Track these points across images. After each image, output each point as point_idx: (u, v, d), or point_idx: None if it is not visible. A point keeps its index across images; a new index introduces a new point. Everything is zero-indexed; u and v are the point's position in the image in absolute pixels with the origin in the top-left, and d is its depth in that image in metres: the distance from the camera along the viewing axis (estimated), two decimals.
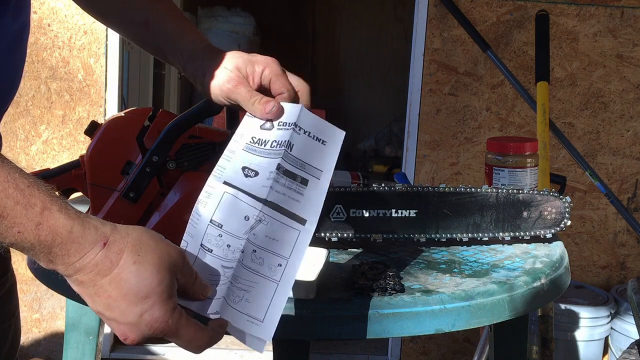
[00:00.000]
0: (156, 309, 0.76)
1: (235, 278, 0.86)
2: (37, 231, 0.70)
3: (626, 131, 2.84)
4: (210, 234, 0.88)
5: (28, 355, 2.81)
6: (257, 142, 0.94)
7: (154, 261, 0.75)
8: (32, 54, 2.68)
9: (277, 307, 0.85)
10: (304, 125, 0.95)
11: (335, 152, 0.95)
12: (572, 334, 2.70)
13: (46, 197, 0.71)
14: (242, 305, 0.85)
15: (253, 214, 0.88)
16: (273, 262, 0.86)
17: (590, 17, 2.75)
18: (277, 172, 0.90)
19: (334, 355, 2.98)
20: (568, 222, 1.25)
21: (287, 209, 0.88)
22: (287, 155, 0.92)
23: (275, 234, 0.87)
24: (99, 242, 0.73)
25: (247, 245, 0.87)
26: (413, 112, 2.82)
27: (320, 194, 0.91)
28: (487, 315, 1.06)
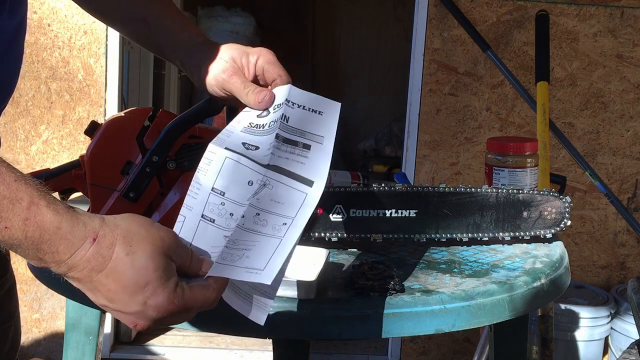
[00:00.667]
0: (159, 294, 0.75)
1: (233, 242, 0.83)
2: (25, 227, 0.69)
3: (626, 131, 2.84)
4: (212, 203, 0.85)
5: (28, 355, 2.81)
6: (255, 126, 0.94)
7: (146, 249, 0.74)
8: (32, 54, 2.68)
9: (278, 258, 0.80)
10: (296, 100, 0.95)
11: (334, 121, 0.93)
12: (572, 334, 2.70)
13: (34, 192, 0.70)
14: (241, 262, 0.81)
15: (257, 178, 0.86)
16: (277, 222, 0.83)
17: (590, 17, 2.75)
18: (277, 141, 0.89)
19: (334, 355, 2.98)
20: (568, 222, 1.25)
21: (293, 171, 0.86)
22: (284, 126, 0.91)
23: (280, 197, 0.85)
24: (89, 237, 0.72)
25: (249, 210, 0.84)
26: (413, 112, 2.82)
27: (326, 156, 0.89)
28: (487, 315, 1.06)
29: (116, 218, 0.75)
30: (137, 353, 2.92)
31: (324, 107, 0.95)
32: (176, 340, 3.00)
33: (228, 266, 0.80)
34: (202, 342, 3.02)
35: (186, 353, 2.94)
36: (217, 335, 2.94)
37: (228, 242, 0.82)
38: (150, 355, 2.93)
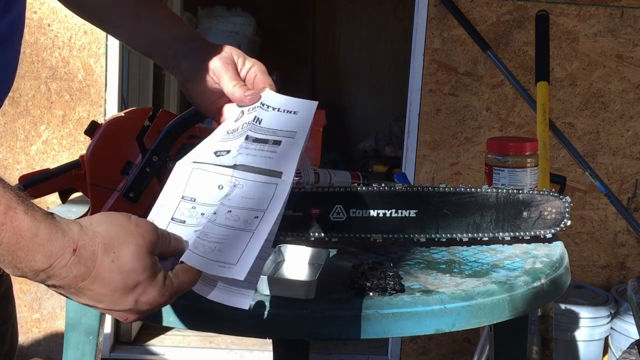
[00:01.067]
0: (149, 291, 0.75)
1: (205, 234, 0.82)
2: (1, 232, 0.67)
3: (626, 131, 2.84)
4: (182, 208, 0.85)
5: (28, 355, 2.81)
6: (231, 132, 0.94)
7: (131, 252, 0.73)
8: (32, 54, 2.68)
9: (251, 252, 0.79)
10: (270, 102, 0.95)
11: (309, 118, 0.93)
12: (572, 334, 2.70)
13: (12, 197, 0.68)
14: (213, 255, 0.80)
15: (226, 181, 0.86)
16: (249, 217, 0.82)
17: (590, 17, 2.75)
18: (246, 142, 0.89)
19: (334, 355, 2.98)
20: (568, 222, 1.25)
21: (260, 167, 0.86)
22: (255, 127, 0.91)
23: (251, 193, 0.84)
24: (68, 248, 0.70)
25: (221, 208, 0.84)
26: (413, 112, 2.82)
27: (296, 148, 0.88)
28: (487, 315, 1.06)
29: (93, 224, 0.73)
30: (137, 353, 2.92)
31: (299, 108, 0.95)
32: (176, 340, 3.00)
33: (200, 257, 0.80)
34: (202, 342, 3.02)
35: (186, 353, 2.94)
36: (217, 335, 2.94)
37: (200, 234, 0.82)
38: (150, 355, 2.93)
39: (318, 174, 1.40)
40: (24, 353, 2.81)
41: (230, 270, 0.78)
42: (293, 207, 1.17)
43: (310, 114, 0.93)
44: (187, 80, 1.04)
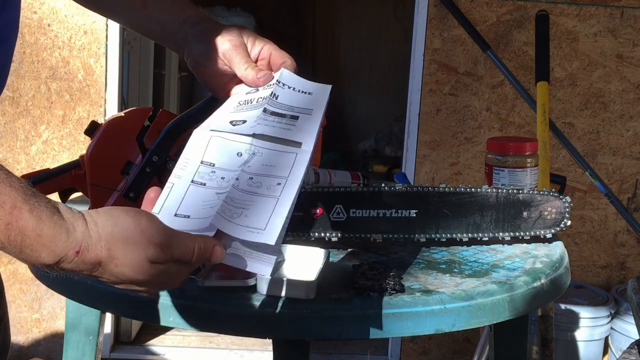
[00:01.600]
0: (162, 284, 0.78)
1: (230, 199, 0.81)
2: (7, 231, 0.68)
3: (626, 131, 2.84)
4: (202, 172, 0.85)
5: (28, 355, 2.81)
6: (243, 103, 0.94)
7: (133, 259, 0.73)
8: (32, 54, 2.68)
9: (278, 217, 0.80)
10: (286, 81, 0.96)
11: (324, 100, 0.93)
12: (572, 334, 2.70)
13: (18, 196, 0.69)
14: (240, 220, 0.80)
15: (244, 148, 0.86)
16: (272, 183, 0.83)
17: (590, 17, 2.75)
18: (264, 114, 0.89)
19: (334, 355, 2.98)
20: (568, 222, 1.25)
21: (280, 137, 0.86)
22: (272, 102, 0.91)
23: (271, 161, 0.84)
24: (71, 249, 0.71)
25: (242, 175, 0.84)
26: (413, 112, 2.82)
27: (314, 123, 0.88)
28: (487, 315, 1.06)
29: (98, 224, 0.73)
30: (137, 353, 2.92)
31: (314, 90, 0.95)
32: (176, 340, 3.00)
33: (228, 222, 0.79)
34: (202, 342, 3.02)
35: (186, 353, 2.94)
36: (217, 335, 2.94)
37: (226, 199, 0.81)
38: (150, 355, 2.93)
39: (318, 174, 1.40)
40: (24, 353, 2.81)
41: (260, 234, 0.78)
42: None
43: (325, 96, 0.94)
44: (198, 64, 1.03)
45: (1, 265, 2.69)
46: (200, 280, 1.02)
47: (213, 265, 1.04)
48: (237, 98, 0.97)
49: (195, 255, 0.77)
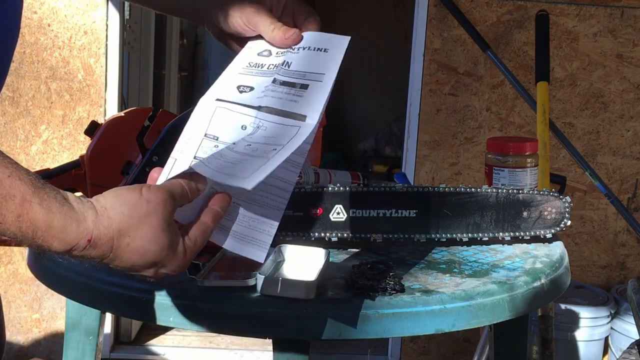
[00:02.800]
0: (169, 265, 0.78)
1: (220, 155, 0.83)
2: (18, 223, 0.70)
3: (626, 131, 2.84)
4: (205, 146, 0.85)
5: (28, 355, 2.81)
6: (254, 65, 0.92)
7: (145, 235, 0.75)
8: (32, 54, 2.68)
9: (262, 170, 0.79)
10: (301, 44, 0.93)
11: (339, 57, 0.91)
12: (572, 334, 2.70)
13: (28, 189, 0.70)
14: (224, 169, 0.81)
15: (249, 121, 0.85)
16: (267, 149, 0.83)
17: (590, 17, 2.75)
18: (273, 84, 0.88)
19: (334, 355, 2.98)
20: (568, 222, 1.25)
21: (284, 110, 0.85)
22: (284, 71, 0.89)
23: (273, 135, 0.84)
24: (82, 238, 0.73)
25: (240, 142, 0.84)
26: (413, 112, 2.82)
27: (323, 92, 0.87)
28: (487, 315, 1.06)
29: (107, 209, 0.74)
30: (137, 353, 2.92)
31: (330, 44, 0.93)
32: (176, 340, 3.00)
33: (210, 169, 0.80)
34: (202, 342, 3.02)
35: (186, 353, 2.94)
36: (217, 335, 2.94)
37: (216, 154, 0.82)
38: (150, 355, 2.93)
39: (318, 174, 1.40)
40: (24, 353, 2.81)
41: (238, 180, 0.78)
42: (293, 207, 1.17)
43: (342, 50, 0.92)
44: (223, 33, 1.01)
45: (1, 265, 2.69)
46: (200, 280, 1.02)
47: (213, 265, 1.04)
48: (248, 56, 0.94)
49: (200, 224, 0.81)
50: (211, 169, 0.80)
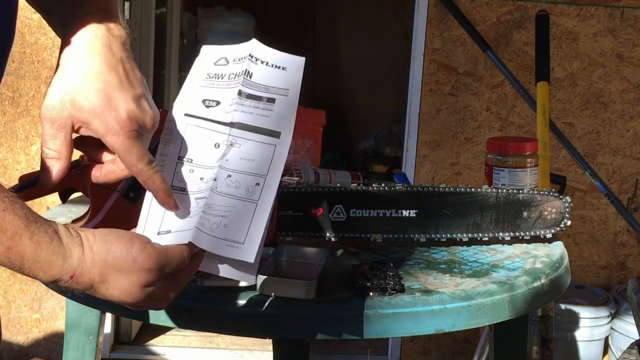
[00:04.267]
0: (152, 305, 0.81)
1: (209, 206, 0.82)
2: (8, 254, 0.73)
3: (626, 131, 2.84)
4: (180, 172, 0.85)
5: (28, 355, 2.81)
6: (213, 76, 0.91)
7: (123, 285, 0.77)
8: (32, 54, 2.68)
9: (257, 228, 0.80)
10: (259, 55, 0.91)
11: (299, 75, 0.90)
12: (572, 334, 2.70)
13: (20, 223, 0.72)
14: (219, 232, 0.80)
15: (222, 139, 0.85)
16: (250, 183, 0.82)
17: (590, 17, 2.75)
18: (239, 97, 0.87)
19: (334, 355, 2.98)
20: (568, 222, 1.25)
21: (258, 126, 0.84)
22: (246, 82, 0.88)
23: (249, 154, 0.83)
24: (65, 274, 0.75)
25: (220, 172, 0.83)
26: (413, 112, 2.82)
27: (291, 107, 0.86)
28: (487, 315, 1.06)
29: (94, 251, 0.76)
30: (137, 353, 2.92)
31: (287, 63, 0.91)
32: (176, 340, 3.00)
33: (207, 236, 0.80)
34: (202, 342, 3.02)
35: (186, 353, 2.94)
36: (217, 335, 2.94)
37: (204, 207, 0.82)
38: (150, 355, 2.93)
39: (318, 174, 1.40)
40: (24, 353, 2.81)
41: (239, 250, 0.79)
42: (293, 207, 1.17)
43: (299, 71, 0.90)
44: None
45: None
46: (200, 281, 1.02)
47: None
48: (205, 66, 0.91)
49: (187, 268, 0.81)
50: (207, 234, 0.80)
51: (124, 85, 0.84)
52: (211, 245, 0.80)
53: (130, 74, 0.86)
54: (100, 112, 0.82)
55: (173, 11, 3.37)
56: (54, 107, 0.83)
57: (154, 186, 0.84)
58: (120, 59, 0.85)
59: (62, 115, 0.83)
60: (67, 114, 0.83)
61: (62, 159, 0.84)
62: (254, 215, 0.81)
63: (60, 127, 0.83)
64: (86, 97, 0.82)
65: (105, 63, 0.84)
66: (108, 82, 0.83)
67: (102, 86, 0.82)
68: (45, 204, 2.58)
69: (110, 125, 0.82)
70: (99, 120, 0.82)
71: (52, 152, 0.84)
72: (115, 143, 0.82)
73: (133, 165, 0.83)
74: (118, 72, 0.84)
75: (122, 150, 0.82)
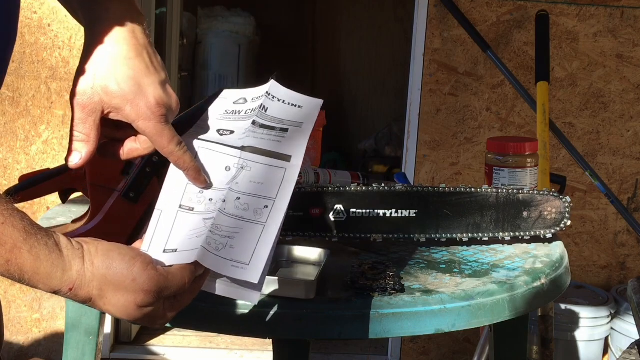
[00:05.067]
0: (148, 323, 0.81)
1: (216, 227, 0.82)
2: (7, 266, 0.73)
3: (626, 131, 2.84)
4: (189, 192, 0.85)
5: (28, 355, 2.81)
6: (231, 112, 0.93)
7: (120, 302, 0.77)
8: (32, 54, 2.68)
9: (264, 249, 0.80)
10: (276, 94, 0.93)
11: (314, 114, 0.91)
12: (572, 334, 2.70)
13: (20, 236, 0.72)
14: (225, 252, 0.81)
15: (233, 162, 0.85)
16: (259, 205, 0.82)
17: (590, 17, 2.75)
18: (253, 126, 0.87)
19: (334, 355, 2.98)
20: (568, 222, 1.25)
21: (269, 149, 0.85)
22: (261, 114, 0.89)
23: (259, 177, 0.84)
24: (64, 287, 0.75)
25: (230, 194, 0.83)
26: (413, 112, 2.82)
27: (303, 136, 0.87)
28: (487, 315, 1.06)
29: (94, 264, 0.76)
30: (137, 353, 2.92)
31: (304, 103, 0.93)
32: (176, 340, 3.00)
33: (213, 256, 0.80)
34: (202, 342, 3.02)
35: (186, 353, 2.94)
36: (217, 335, 2.94)
37: (212, 227, 0.82)
38: (150, 355, 2.93)
39: (318, 174, 1.40)
40: (24, 353, 2.81)
41: (244, 271, 0.79)
42: (293, 207, 1.17)
43: (315, 111, 0.92)
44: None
45: None
46: None
47: None
48: (224, 105, 0.95)
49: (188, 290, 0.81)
50: (213, 254, 0.80)
51: (150, 70, 0.87)
52: (216, 265, 0.80)
53: (154, 59, 0.88)
54: (132, 99, 0.85)
55: (173, 11, 3.37)
56: (85, 92, 0.85)
57: (185, 165, 0.86)
58: (144, 45, 0.88)
59: (93, 101, 0.85)
60: (98, 100, 0.85)
61: (91, 142, 0.86)
62: (260, 236, 0.81)
63: (91, 112, 0.85)
64: (117, 83, 0.84)
65: (132, 49, 0.86)
66: (136, 68, 0.85)
67: (132, 73, 0.85)
68: (45, 204, 2.58)
69: (141, 111, 0.85)
70: (130, 106, 0.85)
71: (81, 135, 0.86)
72: (147, 127, 0.85)
73: (165, 147, 0.86)
74: (144, 58, 0.87)
75: (154, 134, 0.86)
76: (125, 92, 0.84)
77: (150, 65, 0.87)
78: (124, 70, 0.85)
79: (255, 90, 0.96)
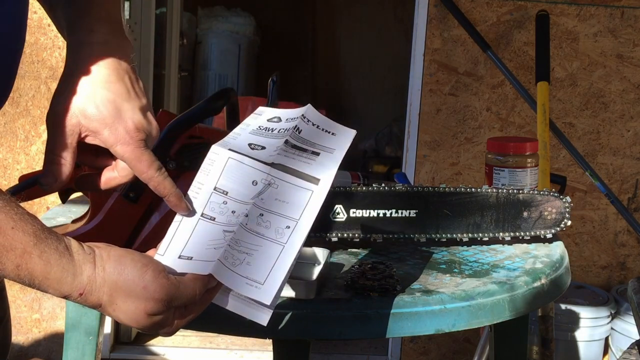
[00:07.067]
0: (157, 332, 0.80)
1: (236, 241, 0.81)
2: (17, 271, 0.72)
3: (626, 131, 2.84)
4: (213, 202, 0.84)
5: (28, 355, 2.81)
6: (264, 129, 0.92)
7: (130, 310, 0.76)
8: (32, 54, 2.68)
9: (280, 271, 0.79)
10: (311, 118, 0.93)
11: (347, 143, 0.91)
12: (573, 334, 2.70)
13: (30, 241, 0.72)
14: (241, 268, 0.80)
15: (261, 177, 0.84)
16: (281, 225, 0.82)
17: (590, 17, 2.75)
18: (285, 145, 0.87)
19: (334, 355, 2.98)
20: (568, 222, 1.25)
21: (298, 170, 0.84)
22: (295, 135, 0.89)
23: (285, 196, 0.83)
24: (75, 291, 0.74)
25: (253, 210, 0.83)
26: (413, 112, 2.82)
27: (334, 162, 0.86)
28: (487, 315, 1.06)
29: (105, 270, 0.75)
30: (137, 353, 2.92)
31: (337, 131, 0.93)
32: (176, 341, 3.00)
33: (228, 271, 0.80)
34: (202, 342, 3.02)
35: (186, 353, 2.94)
36: (217, 335, 2.93)
37: (231, 241, 0.81)
38: (150, 355, 2.93)
39: None
40: (24, 353, 2.81)
41: (258, 291, 0.79)
42: None
43: (348, 140, 0.91)
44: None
45: None
46: None
47: None
48: (258, 121, 0.94)
49: (199, 301, 0.81)
50: (228, 269, 0.80)
51: (130, 95, 0.85)
52: (231, 280, 0.80)
53: (135, 84, 0.87)
54: (110, 122, 0.83)
55: (173, 11, 3.37)
56: (62, 114, 0.84)
57: (165, 191, 0.85)
58: (126, 70, 0.87)
59: (71, 123, 0.84)
60: (75, 122, 0.84)
61: (67, 165, 0.85)
62: (278, 257, 0.80)
63: (68, 134, 0.85)
64: (96, 106, 0.83)
65: (113, 73, 0.85)
66: (117, 92, 0.84)
67: (112, 97, 0.84)
68: (45, 204, 2.58)
69: (120, 135, 0.83)
70: (109, 130, 0.83)
71: (57, 158, 0.85)
72: (125, 152, 0.84)
73: (144, 172, 0.84)
74: (125, 83, 0.86)
75: (132, 159, 0.84)
76: (104, 115, 0.83)
77: (132, 90, 0.86)
78: (103, 93, 0.83)
79: (290, 111, 0.95)
